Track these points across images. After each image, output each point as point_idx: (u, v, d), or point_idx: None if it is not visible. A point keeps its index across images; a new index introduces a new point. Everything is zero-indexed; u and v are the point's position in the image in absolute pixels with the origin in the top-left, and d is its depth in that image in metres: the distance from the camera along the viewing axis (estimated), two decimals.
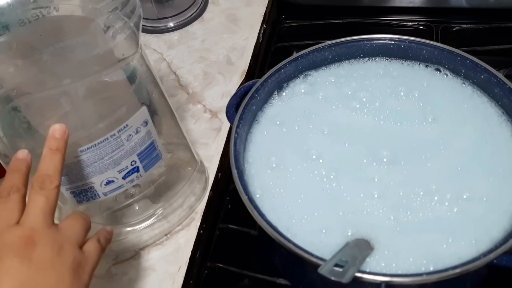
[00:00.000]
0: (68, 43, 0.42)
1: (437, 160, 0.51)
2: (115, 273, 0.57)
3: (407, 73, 0.59)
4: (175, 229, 0.60)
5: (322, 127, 0.55)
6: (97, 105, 0.48)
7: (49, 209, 0.40)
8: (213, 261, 0.58)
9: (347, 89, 0.58)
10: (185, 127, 0.65)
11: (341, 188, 0.50)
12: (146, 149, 0.52)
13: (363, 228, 0.47)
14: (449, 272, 0.42)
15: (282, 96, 0.58)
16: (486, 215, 0.47)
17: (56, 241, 0.40)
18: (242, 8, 0.84)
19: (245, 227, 0.58)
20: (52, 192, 0.41)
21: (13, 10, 0.39)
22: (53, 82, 0.43)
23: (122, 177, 0.52)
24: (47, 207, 0.40)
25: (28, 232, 0.39)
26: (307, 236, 0.47)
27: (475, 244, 0.45)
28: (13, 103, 0.43)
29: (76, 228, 0.42)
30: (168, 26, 0.83)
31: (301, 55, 0.58)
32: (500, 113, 0.54)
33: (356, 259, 0.43)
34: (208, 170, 0.64)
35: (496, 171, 0.50)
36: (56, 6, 0.41)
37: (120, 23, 0.45)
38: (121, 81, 0.48)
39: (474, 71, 0.55)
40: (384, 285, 0.44)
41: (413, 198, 0.49)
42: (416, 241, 0.46)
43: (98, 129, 0.47)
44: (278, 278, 0.54)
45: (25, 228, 0.39)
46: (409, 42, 0.58)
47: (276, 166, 0.52)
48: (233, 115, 0.54)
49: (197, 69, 0.76)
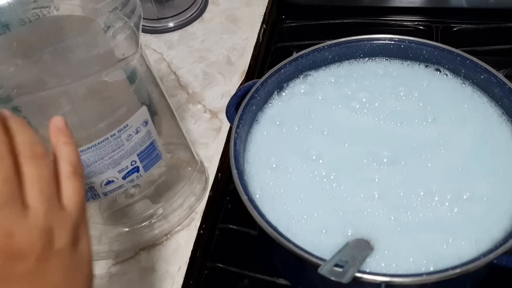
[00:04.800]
0: (68, 43, 0.42)
1: (437, 160, 0.51)
2: (115, 273, 0.57)
3: (407, 73, 0.59)
4: (175, 229, 0.60)
5: (322, 128, 0.55)
6: (97, 105, 0.48)
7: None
8: (213, 261, 0.58)
9: (347, 89, 0.58)
10: (185, 127, 0.65)
11: (341, 188, 0.50)
12: (146, 149, 0.52)
13: (363, 228, 0.47)
14: (449, 272, 0.42)
15: (282, 96, 0.58)
16: (486, 215, 0.47)
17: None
18: (242, 8, 0.84)
19: (245, 227, 0.58)
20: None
21: (13, 10, 0.39)
22: (53, 81, 0.43)
23: (122, 177, 0.52)
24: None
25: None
26: (307, 236, 0.47)
27: (475, 244, 0.45)
28: (13, 103, 0.43)
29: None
30: (168, 26, 0.83)
31: (301, 55, 0.58)
32: (500, 113, 0.54)
33: (356, 259, 0.43)
34: (208, 170, 0.64)
35: (496, 171, 0.50)
36: (57, 5, 0.41)
37: (120, 23, 0.45)
38: (121, 81, 0.48)
39: (474, 71, 0.55)
40: (384, 285, 0.44)
41: (414, 198, 0.49)
42: (416, 241, 0.46)
43: (98, 129, 0.47)
44: (278, 278, 0.54)
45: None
46: (409, 42, 0.58)
47: (276, 166, 0.52)
48: (233, 115, 0.54)
49: (197, 69, 0.76)
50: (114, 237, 0.57)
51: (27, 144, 0.32)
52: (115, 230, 0.57)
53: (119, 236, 0.57)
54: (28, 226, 0.30)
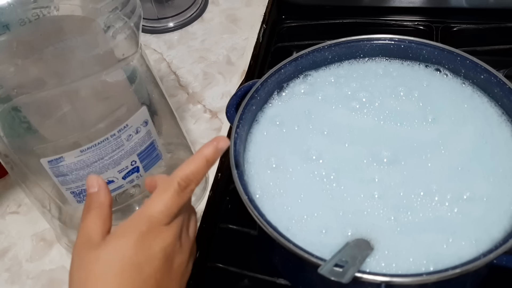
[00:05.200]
0: (68, 43, 0.42)
1: (438, 160, 0.51)
2: None
3: (407, 73, 0.59)
4: None
5: (322, 127, 0.55)
6: (97, 105, 0.48)
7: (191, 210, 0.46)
8: (213, 261, 0.58)
9: (347, 89, 0.58)
10: (185, 127, 0.65)
11: (341, 188, 0.50)
12: (146, 149, 0.52)
13: (363, 228, 0.47)
14: (449, 272, 0.42)
15: (282, 96, 0.58)
16: (487, 215, 0.47)
17: (187, 251, 0.43)
18: (242, 8, 0.84)
19: (245, 227, 0.58)
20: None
21: (13, 10, 0.39)
22: (53, 82, 0.43)
23: (122, 177, 0.52)
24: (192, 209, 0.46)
25: (178, 236, 0.41)
26: (307, 236, 0.47)
27: (475, 244, 0.45)
28: (13, 103, 0.43)
29: (193, 236, 0.45)
30: (168, 26, 0.83)
31: (301, 55, 0.58)
32: (500, 113, 0.54)
33: (356, 259, 0.43)
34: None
35: (496, 171, 0.50)
36: (57, 5, 0.41)
37: (120, 23, 0.45)
38: (121, 81, 0.48)
39: (474, 71, 0.55)
40: (384, 285, 0.44)
41: (414, 198, 0.49)
42: (416, 241, 0.46)
43: (98, 129, 0.47)
44: (278, 278, 0.54)
45: (177, 230, 0.41)
46: (409, 42, 0.58)
47: (276, 166, 0.52)
48: (233, 115, 0.54)
49: (197, 69, 0.76)
50: None
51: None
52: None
53: None
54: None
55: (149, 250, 0.38)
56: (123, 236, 0.39)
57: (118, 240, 0.38)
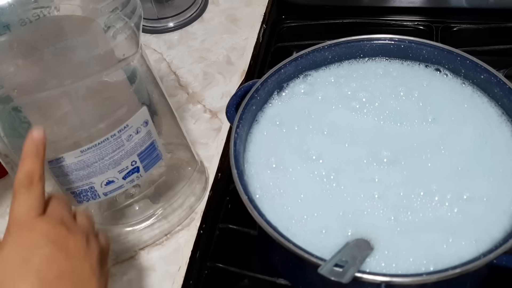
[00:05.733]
0: (68, 43, 0.42)
1: (437, 160, 0.51)
2: (115, 273, 0.57)
3: (407, 73, 0.59)
4: (175, 229, 0.60)
5: (322, 127, 0.55)
6: (97, 105, 0.48)
7: (67, 202, 0.42)
8: (213, 261, 0.58)
9: (347, 89, 0.58)
10: (185, 127, 0.65)
11: (341, 188, 0.50)
12: (146, 149, 0.52)
13: (363, 228, 0.47)
14: (449, 272, 0.42)
15: (282, 96, 0.58)
16: (486, 215, 0.47)
17: (83, 232, 0.41)
18: (242, 8, 0.84)
19: (245, 227, 0.58)
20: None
21: (14, 10, 0.39)
22: (54, 82, 0.43)
23: (123, 177, 0.52)
24: (66, 199, 0.42)
25: (60, 222, 0.39)
26: (307, 236, 0.47)
27: (475, 244, 0.45)
28: (13, 103, 0.43)
29: (90, 220, 0.43)
30: (168, 26, 0.83)
31: (301, 55, 0.58)
32: (500, 113, 0.54)
33: (356, 259, 0.43)
34: (208, 170, 0.64)
35: (496, 171, 0.50)
36: (57, 6, 0.41)
37: (120, 23, 0.45)
38: (122, 81, 0.48)
39: (474, 71, 0.55)
40: (384, 285, 0.44)
41: (414, 198, 0.49)
42: (416, 241, 0.46)
43: (98, 129, 0.47)
44: (278, 278, 0.54)
45: (56, 218, 0.39)
46: (409, 42, 0.58)
47: (276, 166, 0.52)
48: (233, 115, 0.54)
49: (197, 69, 0.76)
50: (114, 237, 0.57)
51: None
52: (115, 230, 0.57)
53: (119, 236, 0.57)
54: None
55: (30, 242, 0.38)
56: (5, 244, 0.39)
57: (1, 252, 0.38)
